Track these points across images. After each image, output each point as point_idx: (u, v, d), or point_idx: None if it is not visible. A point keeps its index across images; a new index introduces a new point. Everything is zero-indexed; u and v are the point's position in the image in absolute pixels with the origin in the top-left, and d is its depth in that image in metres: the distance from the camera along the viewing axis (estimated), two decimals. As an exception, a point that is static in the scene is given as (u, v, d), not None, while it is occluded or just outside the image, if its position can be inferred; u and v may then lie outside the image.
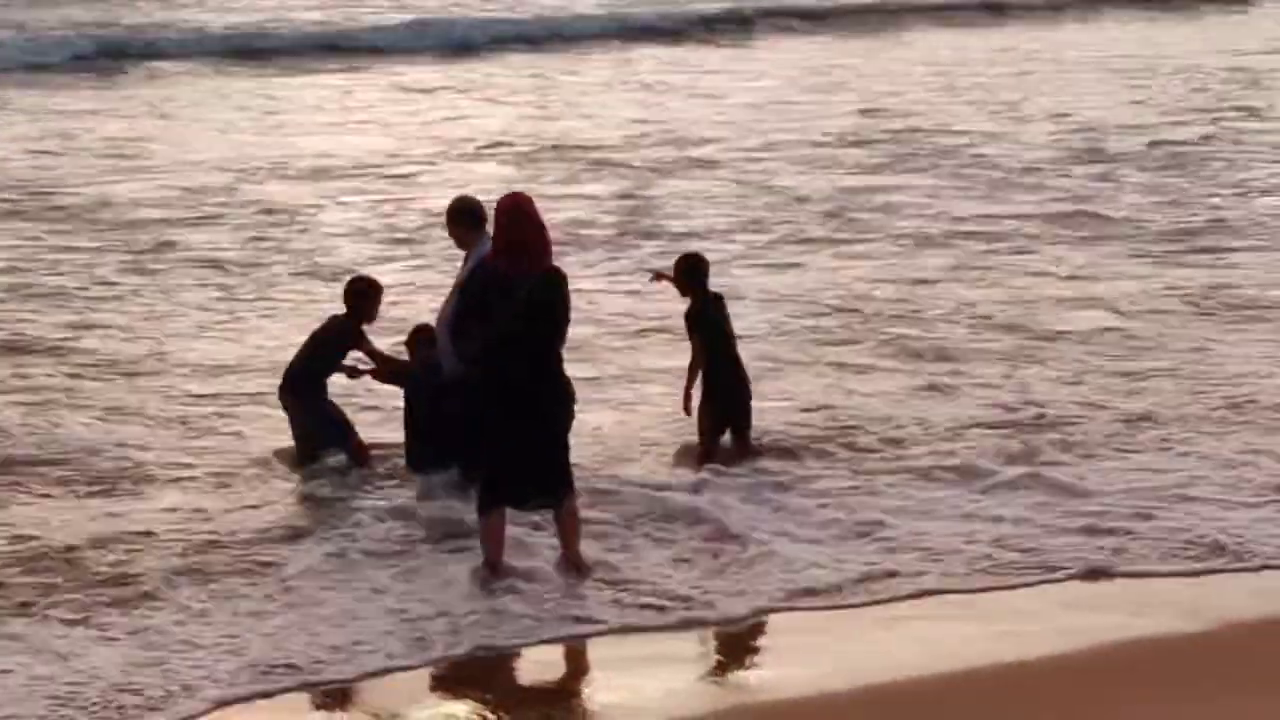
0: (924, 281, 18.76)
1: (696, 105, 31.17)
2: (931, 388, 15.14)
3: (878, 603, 10.98)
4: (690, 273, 13.55)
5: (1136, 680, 9.87)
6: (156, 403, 14.78)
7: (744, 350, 13.68)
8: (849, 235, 21.04)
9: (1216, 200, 22.68)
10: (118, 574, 11.25)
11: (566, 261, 16.00)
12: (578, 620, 10.64)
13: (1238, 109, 29.92)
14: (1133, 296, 18.00)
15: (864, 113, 29.75)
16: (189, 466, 13.30)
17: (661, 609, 10.76)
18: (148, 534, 11.91)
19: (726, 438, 13.42)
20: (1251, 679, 9.84)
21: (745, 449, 13.36)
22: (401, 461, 13.14)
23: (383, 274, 17.34)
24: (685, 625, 10.63)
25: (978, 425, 14.07)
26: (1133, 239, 20.56)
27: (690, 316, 13.45)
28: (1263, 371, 15.47)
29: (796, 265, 19.63)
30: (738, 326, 13.77)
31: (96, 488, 12.88)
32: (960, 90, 32.59)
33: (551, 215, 21.02)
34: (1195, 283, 18.54)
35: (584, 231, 21.19)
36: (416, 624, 10.54)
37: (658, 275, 14.17)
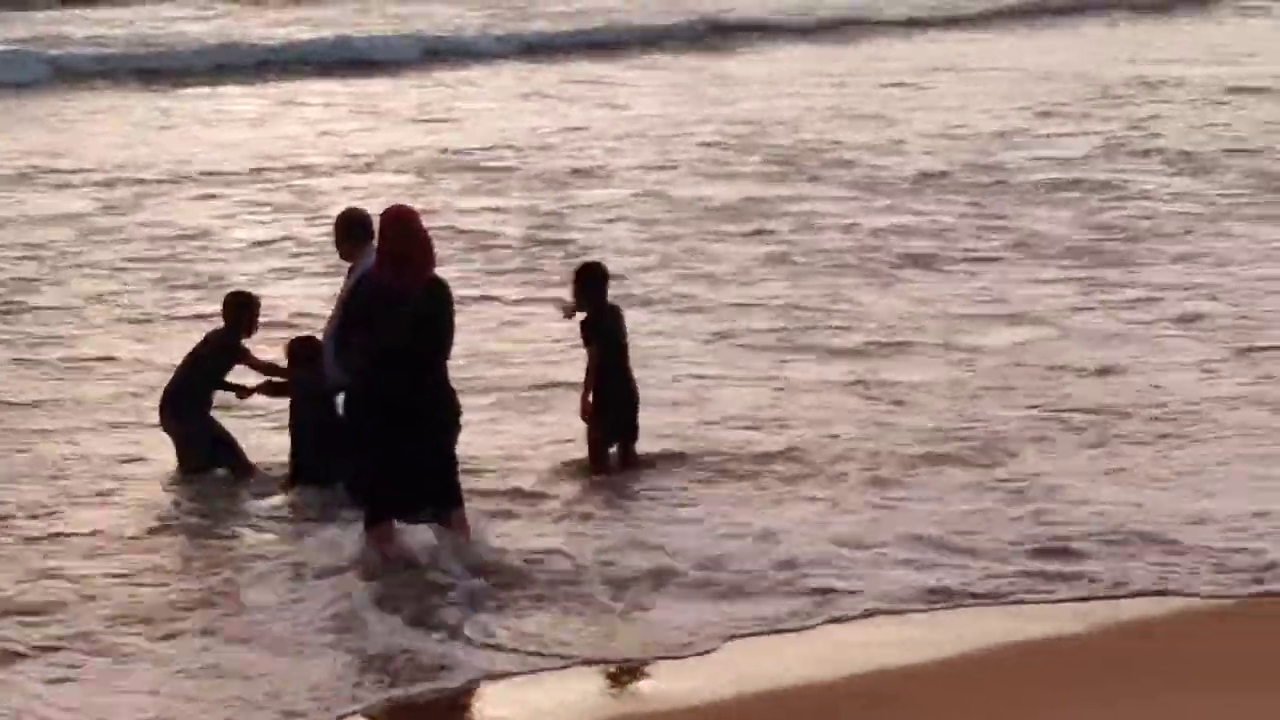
0: (842, 291, 18.69)
1: (600, 118, 31.12)
2: (861, 399, 15.02)
3: (801, 630, 10.66)
4: (590, 282, 13.42)
5: (1057, 684, 9.81)
6: (43, 441, 14.18)
7: (658, 362, 13.46)
8: (762, 245, 21.01)
9: (1123, 211, 22.73)
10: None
11: (470, 271, 15.97)
12: (484, 668, 10.15)
13: (1138, 119, 30.08)
14: (1056, 308, 17.94)
15: (764, 125, 29.76)
16: (88, 502, 12.84)
17: (553, 654, 10.32)
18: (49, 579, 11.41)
19: (613, 449, 13.37)
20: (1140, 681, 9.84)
21: (631, 461, 13.36)
22: (286, 476, 12.95)
23: (283, 288, 17.27)
24: (583, 663, 10.28)
25: (913, 439, 13.87)
26: (1046, 252, 20.45)
27: (587, 325, 13.35)
28: (1189, 381, 15.41)
29: (707, 275, 19.55)
30: (650, 339, 13.58)
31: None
32: (867, 103, 32.65)
33: (455, 227, 21.12)
34: (1113, 292, 18.53)
35: (488, 243, 21.09)
36: (322, 676, 10.02)
37: (567, 312, 13.67)
